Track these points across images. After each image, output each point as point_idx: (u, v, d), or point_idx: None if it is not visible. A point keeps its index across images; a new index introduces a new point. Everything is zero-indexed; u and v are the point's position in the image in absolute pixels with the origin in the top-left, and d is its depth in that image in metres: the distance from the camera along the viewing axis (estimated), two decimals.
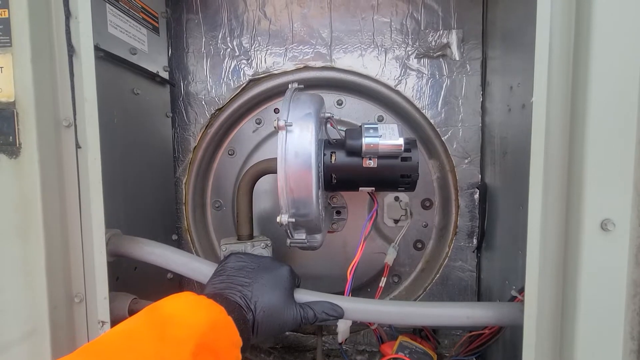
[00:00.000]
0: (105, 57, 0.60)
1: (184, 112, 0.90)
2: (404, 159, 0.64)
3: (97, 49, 0.58)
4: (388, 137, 0.62)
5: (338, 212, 0.90)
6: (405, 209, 0.88)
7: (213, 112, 0.89)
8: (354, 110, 0.89)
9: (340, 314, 0.55)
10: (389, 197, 0.88)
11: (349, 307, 0.55)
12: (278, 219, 0.59)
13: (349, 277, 0.66)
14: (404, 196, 0.88)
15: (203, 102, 0.89)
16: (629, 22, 0.42)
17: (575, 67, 0.44)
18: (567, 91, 0.45)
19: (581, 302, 0.44)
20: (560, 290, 0.47)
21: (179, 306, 0.42)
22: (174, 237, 0.89)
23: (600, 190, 0.43)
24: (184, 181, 0.91)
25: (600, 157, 0.43)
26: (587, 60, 0.43)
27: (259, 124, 0.91)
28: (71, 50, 0.49)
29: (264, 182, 0.77)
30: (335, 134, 0.68)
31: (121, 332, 0.38)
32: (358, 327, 0.90)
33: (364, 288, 0.91)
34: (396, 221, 0.89)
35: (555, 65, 0.44)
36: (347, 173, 0.65)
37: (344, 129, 0.67)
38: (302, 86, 0.69)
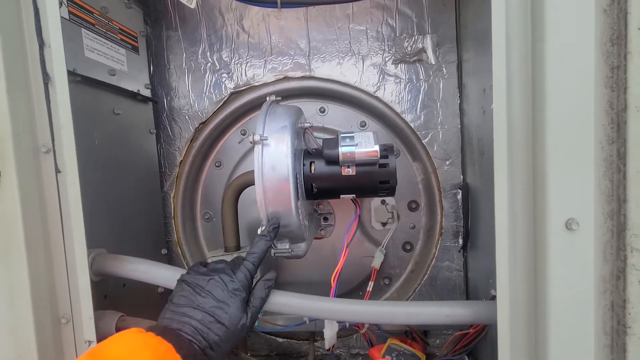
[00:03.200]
0: (82, 81, 0.62)
1: (168, 127, 0.91)
2: (381, 166, 0.65)
3: (73, 74, 0.59)
4: (364, 145, 0.63)
5: (325, 218, 0.91)
6: (392, 212, 0.89)
7: (197, 126, 0.90)
8: (336, 117, 0.91)
9: (272, 279, 0.56)
10: (375, 200, 0.89)
11: (330, 308, 0.56)
12: (259, 231, 0.60)
13: (333, 284, 0.67)
14: (390, 199, 0.89)
15: (187, 117, 0.90)
16: (581, 26, 0.44)
17: (534, 73, 0.46)
18: (528, 96, 0.46)
19: (552, 300, 0.46)
20: (532, 289, 0.48)
21: (123, 349, 0.41)
22: (164, 251, 0.90)
23: (563, 191, 0.44)
24: (172, 195, 0.92)
25: (561, 159, 0.44)
26: (543, 66, 0.44)
27: (243, 134, 0.93)
28: (46, 77, 0.51)
29: (251, 193, 0.78)
30: (318, 143, 0.69)
31: None
32: (349, 331, 0.91)
33: (355, 292, 0.92)
34: (384, 224, 0.90)
35: (514, 72, 0.46)
36: (326, 182, 0.66)
37: (326, 138, 0.68)
38: (279, 98, 0.70)
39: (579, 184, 0.44)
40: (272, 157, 0.58)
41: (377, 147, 0.62)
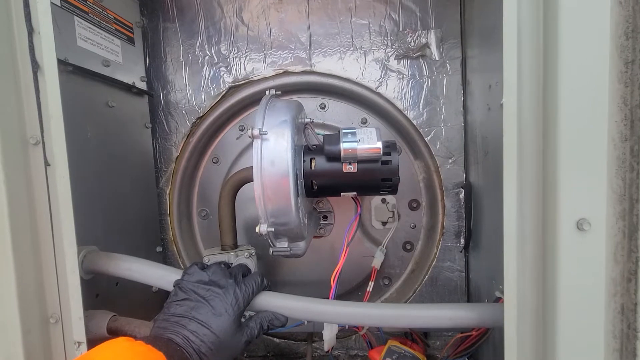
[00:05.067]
0: (74, 71, 0.59)
1: (164, 121, 0.89)
2: (384, 163, 0.63)
3: (65, 63, 0.57)
4: (366, 141, 0.61)
5: (325, 217, 0.89)
6: (393, 211, 0.87)
7: (194, 120, 0.88)
8: (337, 113, 0.89)
9: (283, 322, 0.55)
10: (375, 199, 0.88)
11: (331, 312, 0.55)
12: (257, 229, 0.58)
13: (333, 284, 0.65)
14: (391, 198, 0.87)
15: (183, 111, 0.88)
16: (595, 19, 0.42)
17: (545, 67, 0.44)
18: (539, 91, 0.44)
19: (561, 303, 0.44)
20: (540, 291, 0.46)
21: (110, 357, 0.40)
22: (159, 249, 0.88)
23: (575, 190, 0.43)
24: (167, 192, 0.90)
25: (573, 156, 0.43)
26: (556, 60, 0.42)
27: (241, 130, 0.90)
28: (35, 66, 0.48)
29: (249, 190, 0.76)
30: (319, 139, 0.67)
31: None
32: (349, 332, 0.89)
33: (354, 292, 0.91)
34: (384, 223, 0.88)
35: (525, 66, 0.44)
36: (327, 179, 0.64)
37: (327, 134, 0.66)
38: (279, 92, 0.68)
39: (591, 182, 0.43)
40: (271, 152, 0.56)
41: (379, 144, 0.61)
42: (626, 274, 0.44)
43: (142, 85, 0.82)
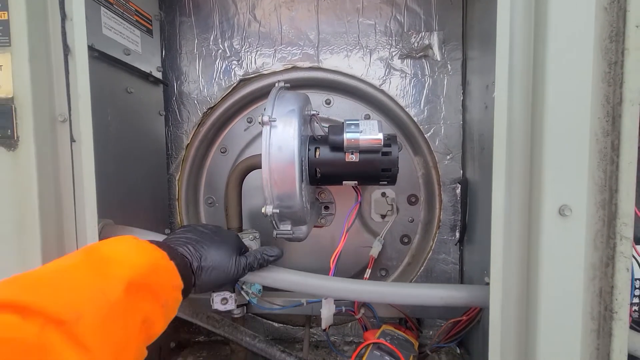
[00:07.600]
0: (99, 57, 0.64)
1: (177, 110, 0.93)
2: (384, 154, 0.67)
3: (91, 49, 0.61)
4: (368, 132, 0.65)
5: (326, 207, 0.93)
6: (392, 204, 0.91)
7: (205, 110, 0.92)
8: (341, 109, 0.93)
9: (278, 254, 0.59)
10: (375, 192, 0.91)
11: (329, 286, 0.58)
12: (263, 210, 0.61)
13: (332, 266, 0.69)
14: (390, 192, 0.91)
15: (195, 101, 0.92)
16: (581, 23, 0.46)
17: (535, 66, 0.48)
18: (528, 88, 0.48)
19: (543, 285, 0.48)
20: (524, 274, 0.50)
21: (118, 248, 0.42)
22: (167, 231, 0.92)
23: (558, 179, 0.46)
24: (177, 178, 0.94)
25: (557, 147, 0.46)
26: (544, 60, 0.46)
27: (250, 122, 0.95)
28: (66, 49, 0.53)
29: (254, 178, 0.80)
30: (324, 130, 0.71)
31: (56, 266, 0.38)
32: (345, 318, 0.92)
33: None
34: (383, 216, 0.92)
35: (516, 66, 0.48)
36: (330, 167, 0.68)
37: (332, 125, 0.70)
38: (288, 84, 0.72)
39: (574, 173, 0.46)
40: (279, 138, 0.60)
41: (381, 135, 0.64)
42: (605, 259, 0.48)
43: (158, 75, 0.86)
